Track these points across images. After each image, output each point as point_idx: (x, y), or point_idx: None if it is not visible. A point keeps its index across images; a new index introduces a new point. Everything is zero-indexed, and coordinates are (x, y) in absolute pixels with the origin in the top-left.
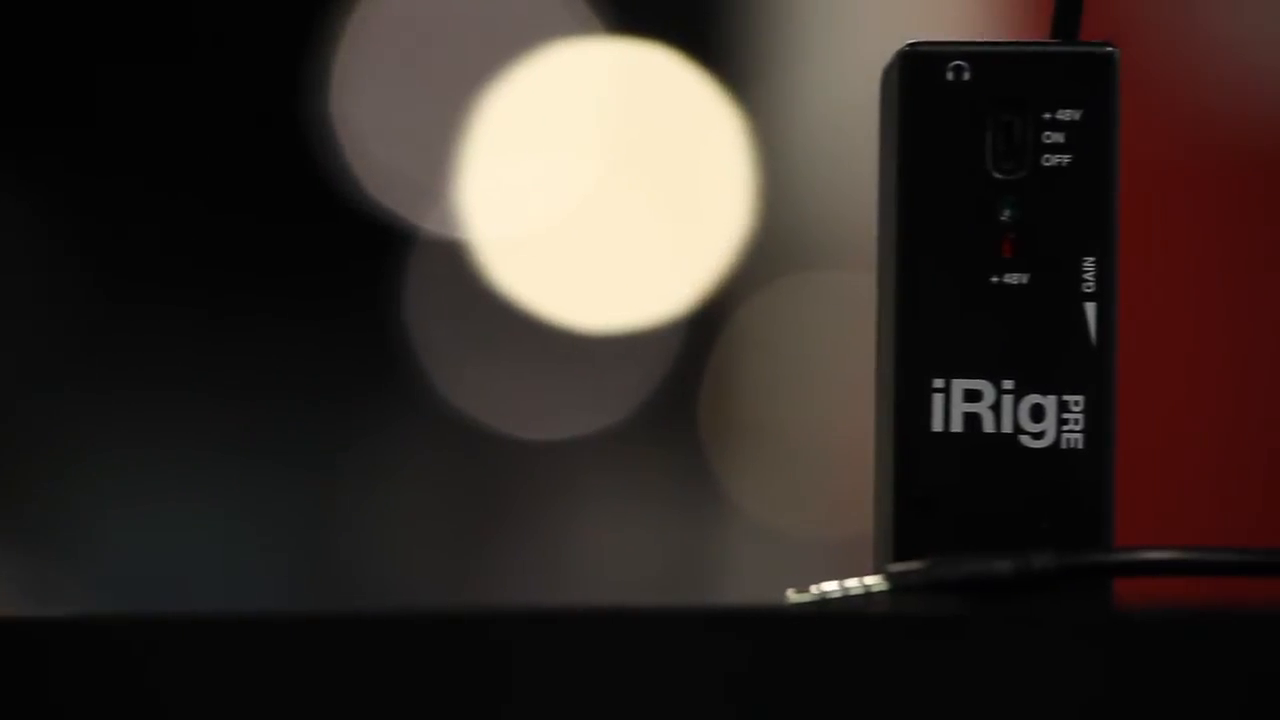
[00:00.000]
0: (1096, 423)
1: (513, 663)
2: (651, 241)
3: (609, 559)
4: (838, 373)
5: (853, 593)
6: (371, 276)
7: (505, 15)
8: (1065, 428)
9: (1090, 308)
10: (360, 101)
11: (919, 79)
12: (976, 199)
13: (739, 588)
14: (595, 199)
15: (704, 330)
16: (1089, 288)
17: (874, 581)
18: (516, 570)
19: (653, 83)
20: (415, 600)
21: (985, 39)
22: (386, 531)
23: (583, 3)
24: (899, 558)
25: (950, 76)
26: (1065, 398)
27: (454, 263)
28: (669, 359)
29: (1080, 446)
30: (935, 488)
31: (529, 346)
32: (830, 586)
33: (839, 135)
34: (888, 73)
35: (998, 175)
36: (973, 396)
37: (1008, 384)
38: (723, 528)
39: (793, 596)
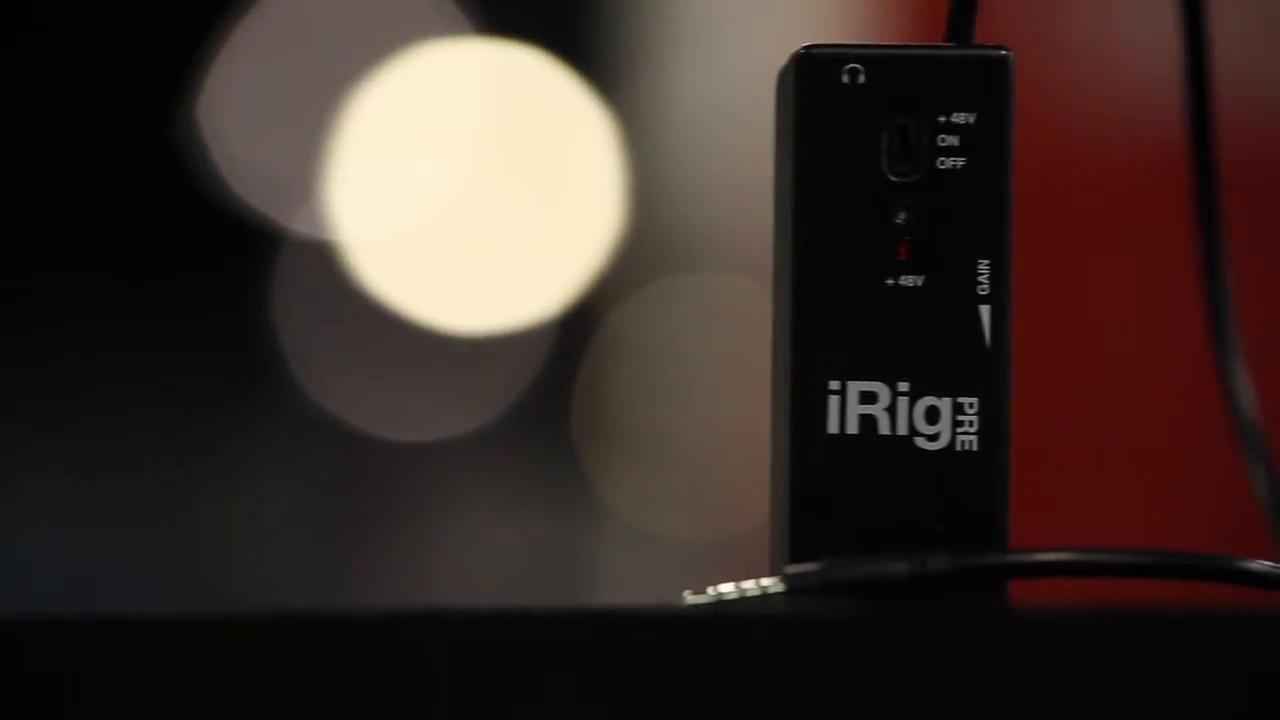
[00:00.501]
0: (991, 424)
1: (431, 662)
2: (522, 243)
3: (479, 562)
4: (710, 375)
5: (749, 594)
6: (239, 278)
7: (374, 15)
8: (960, 429)
9: (985, 310)
10: (227, 101)
11: (814, 82)
12: (872, 201)
13: (611, 589)
14: (465, 200)
15: (576, 332)
16: (983, 290)
17: (770, 583)
18: (388, 572)
19: (523, 84)
20: (284, 603)
21: (881, 42)
22: (256, 534)
23: (452, 3)
24: (795, 559)
25: (845, 79)
26: (960, 399)
27: (323, 264)
28: (540, 361)
29: (975, 448)
30: (831, 489)
31: (399, 348)
32: (727, 588)
33: (711, 137)
34: (783, 75)
35: (893, 178)
36: (868, 398)
37: (903, 386)
38: (595, 530)
39: (689, 598)
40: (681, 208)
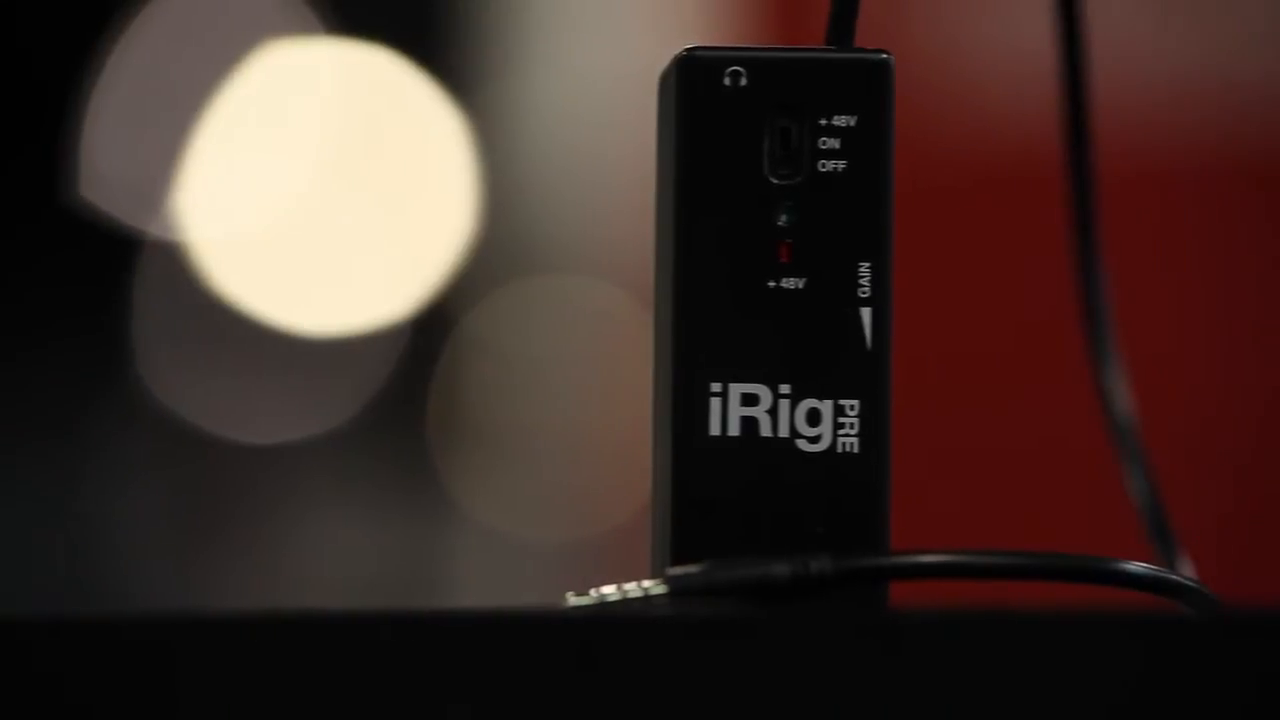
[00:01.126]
0: (872, 427)
1: (315, 665)
2: (375, 245)
3: (331, 564)
4: (565, 377)
5: (631, 596)
6: (89, 280)
7: (225, 16)
8: (841, 432)
9: (866, 313)
10: (79, 106)
11: (696, 84)
12: (753, 204)
13: (465, 592)
14: (317, 202)
15: (430, 334)
16: (864, 293)
17: (653, 585)
18: (238, 574)
19: (376, 84)
20: (133, 604)
21: (763, 45)
22: (105, 537)
23: (303, 3)
24: (676, 561)
25: (727, 82)
26: (841, 402)
27: (173, 266)
28: (393, 363)
29: (856, 450)
30: (712, 491)
31: (249, 350)
32: (608, 590)
33: (566, 140)
34: (665, 78)
35: (774, 180)
36: (750, 400)
37: (784, 388)
38: (448, 532)
39: (571, 599)
40: (537, 210)
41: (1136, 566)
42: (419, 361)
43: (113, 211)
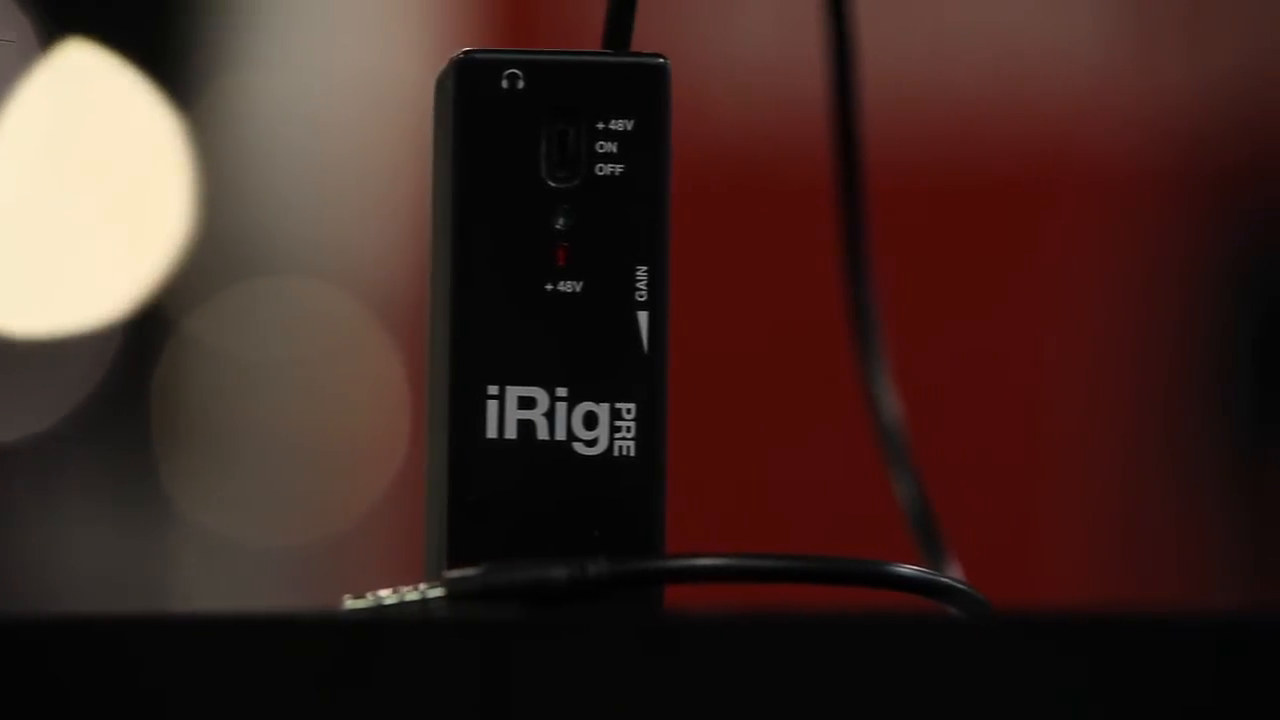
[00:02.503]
0: (648, 430)
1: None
2: (87, 245)
3: (48, 569)
4: (288, 379)
5: (409, 599)
6: None
7: None
8: (618, 435)
9: (643, 316)
10: None
11: (473, 87)
12: (531, 207)
13: (186, 597)
14: (27, 201)
15: (149, 335)
16: (641, 296)
17: (430, 588)
18: None
19: (88, 83)
20: None
21: (541, 49)
22: None
23: (14, 4)
24: (453, 564)
25: (504, 85)
26: (618, 405)
27: None
28: (107, 364)
29: (632, 454)
30: (489, 494)
31: None
32: (385, 593)
33: (289, 143)
34: (441, 80)
35: (552, 184)
36: (527, 404)
37: (561, 392)
38: (169, 536)
39: (349, 603)
40: (259, 211)
41: (906, 569)
42: (137, 363)
43: None
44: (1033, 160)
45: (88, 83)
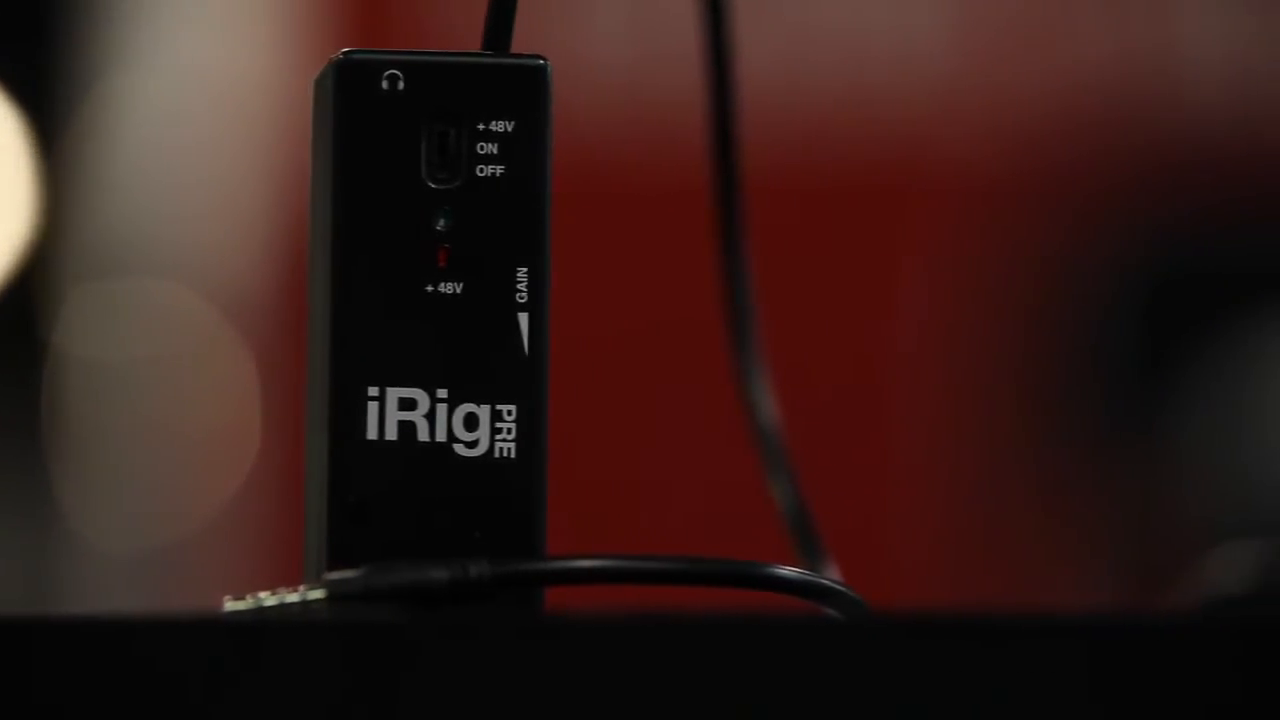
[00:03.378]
0: (529, 432)
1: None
2: None
3: None
4: (141, 378)
5: (289, 601)
6: None
7: None
8: (498, 437)
9: (524, 318)
10: None
11: (353, 88)
12: (411, 208)
13: (54, 599)
14: None
15: None
16: (522, 298)
17: (310, 590)
18: None
19: None
20: None
21: (421, 50)
22: None
23: None
24: (334, 566)
25: (385, 86)
26: (499, 407)
27: None
28: None
29: (513, 456)
30: (370, 496)
31: None
32: (265, 594)
33: (140, 144)
34: (321, 81)
35: (432, 185)
36: (407, 405)
37: (442, 393)
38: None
39: (229, 604)
40: (111, 213)
41: (786, 571)
42: None
43: None
44: (884, 163)
45: None
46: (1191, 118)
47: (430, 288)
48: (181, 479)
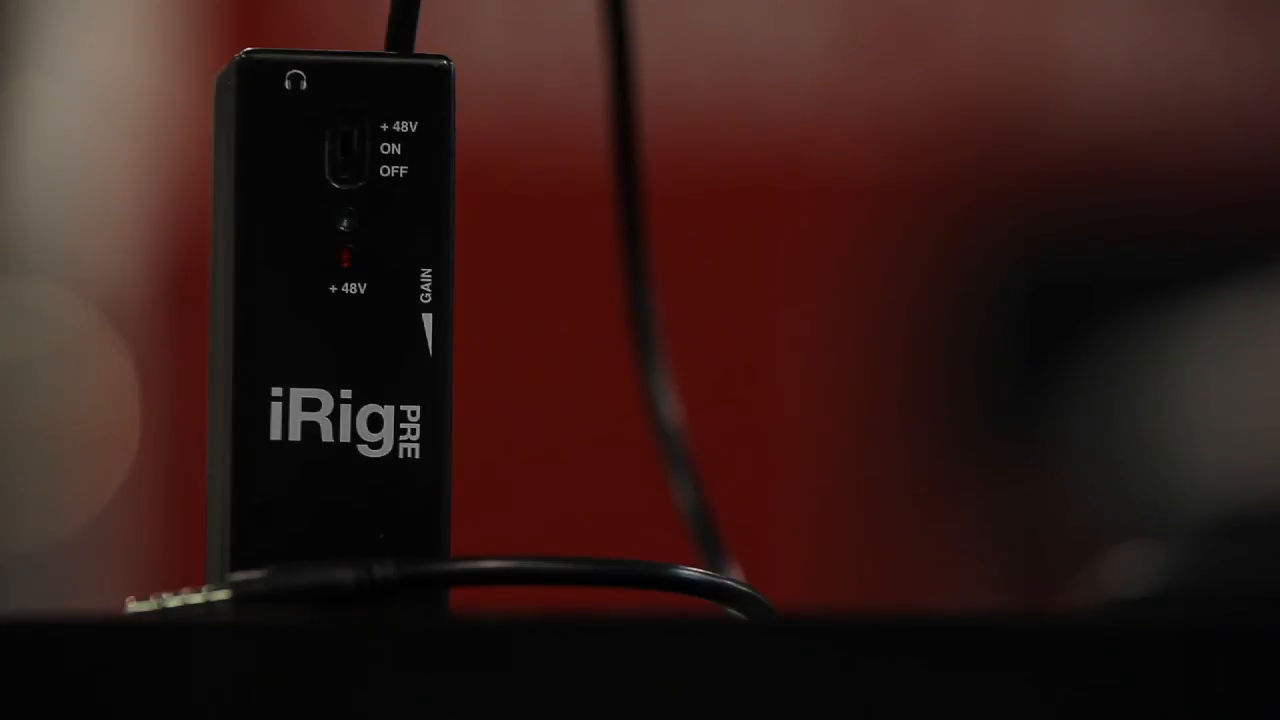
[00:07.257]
0: (433, 432)
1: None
2: None
3: None
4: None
5: (193, 602)
6: None
7: None
8: (403, 437)
9: (428, 319)
10: None
11: (256, 87)
12: (314, 208)
13: None
14: None
15: None
16: (426, 299)
17: (214, 591)
18: None
19: None
20: None
21: (324, 50)
22: None
23: None
24: (237, 568)
25: (288, 85)
26: (403, 407)
27: None
28: None
29: (417, 456)
30: (273, 497)
31: None
32: (169, 595)
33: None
34: (223, 80)
35: (336, 185)
36: (311, 405)
37: (346, 394)
38: None
39: (132, 605)
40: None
41: (692, 572)
42: None
43: None
44: (763, 165)
45: None
46: (1070, 122)
47: (334, 288)
48: (57, 480)
